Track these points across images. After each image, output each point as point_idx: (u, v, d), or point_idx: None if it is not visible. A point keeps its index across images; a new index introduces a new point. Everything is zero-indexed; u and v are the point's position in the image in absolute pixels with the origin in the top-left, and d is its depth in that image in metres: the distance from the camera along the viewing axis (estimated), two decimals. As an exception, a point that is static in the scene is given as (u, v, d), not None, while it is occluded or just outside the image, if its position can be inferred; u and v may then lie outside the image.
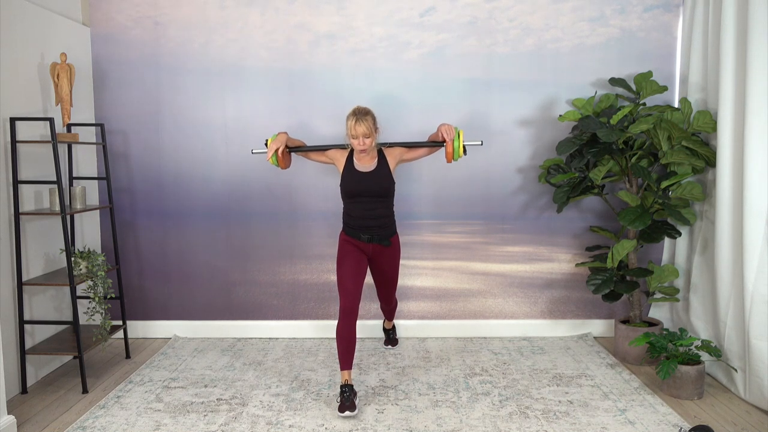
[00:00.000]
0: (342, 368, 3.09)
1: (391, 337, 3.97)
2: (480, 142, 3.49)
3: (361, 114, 3.11)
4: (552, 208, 4.07)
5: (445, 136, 3.21)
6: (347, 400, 2.98)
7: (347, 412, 2.93)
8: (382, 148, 3.30)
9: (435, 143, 3.33)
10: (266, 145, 3.41)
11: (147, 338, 4.18)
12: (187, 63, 4.03)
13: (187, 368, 3.61)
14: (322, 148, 3.39)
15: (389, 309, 3.80)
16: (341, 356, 3.10)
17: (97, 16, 4.00)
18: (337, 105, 3.96)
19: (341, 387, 3.04)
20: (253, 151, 3.60)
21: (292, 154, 3.46)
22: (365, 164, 3.23)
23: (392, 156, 3.28)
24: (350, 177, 3.23)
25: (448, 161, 3.28)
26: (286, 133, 3.40)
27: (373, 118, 3.16)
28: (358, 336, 4.00)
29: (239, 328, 4.19)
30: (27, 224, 3.39)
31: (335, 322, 4.12)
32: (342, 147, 3.34)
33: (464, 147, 3.29)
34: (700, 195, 3.56)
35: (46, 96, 3.53)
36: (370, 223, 3.23)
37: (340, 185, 3.28)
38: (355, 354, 3.79)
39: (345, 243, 3.29)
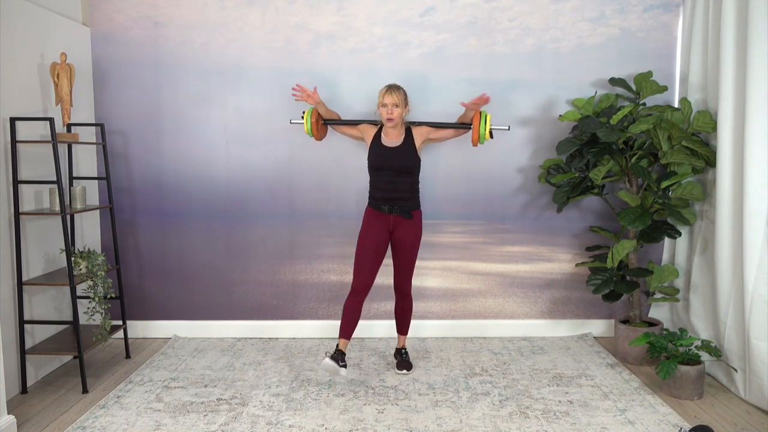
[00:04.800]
0: (340, 336, 3.30)
1: (404, 360, 3.58)
2: (507, 127, 3.66)
3: (393, 86, 3.37)
4: (552, 208, 4.07)
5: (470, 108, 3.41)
6: (335, 358, 3.18)
7: (327, 360, 3.13)
8: (411, 126, 3.47)
9: (462, 125, 3.52)
10: (302, 117, 3.64)
11: (147, 338, 4.18)
12: (187, 63, 4.03)
13: (187, 368, 3.61)
14: (354, 123, 3.64)
15: (404, 308, 3.58)
16: (343, 326, 3.32)
17: (97, 16, 4.00)
18: (337, 105, 3.96)
19: (335, 348, 3.26)
20: (292, 121, 3.85)
21: (328, 127, 3.76)
22: (392, 139, 3.40)
23: (419, 134, 3.44)
24: (376, 151, 3.40)
25: (474, 145, 3.51)
26: (323, 104, 3.63)
27: (405, 94, 3.39)
28: (358, 335, 4.03)
29: (239, 328, 4.19)
30: (27, 224, 3.39)
31: (335, 322, 4.13)
32: (373, 123, 3.55)
33: (491, 131, 3.47)
34: (700, 195, 3.56)
35: (46, 96, 3.53)
36: (392, 195, 3.36)
37: (368, 158, 3.45)
38: (356, 354, 3.81)
39: (369, 217, 3.43)
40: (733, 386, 3.25)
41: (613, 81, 3.83)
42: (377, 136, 3.43)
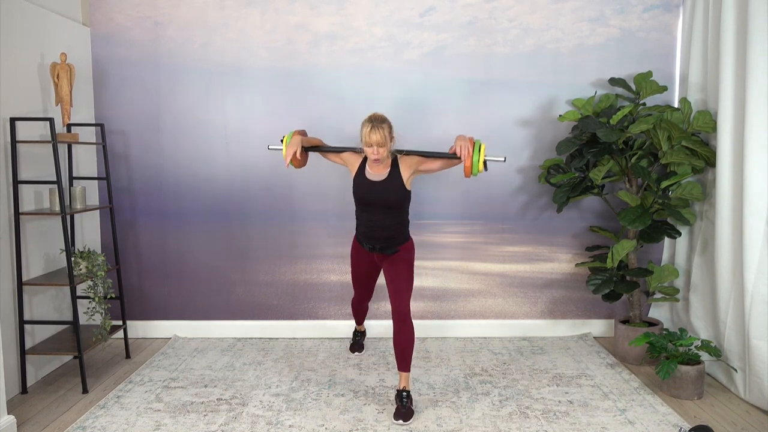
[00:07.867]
0: (356, 323, 3.88)
1: (404, 406, 2.95)
2: (503, 159, 3.23)
3: (377, 122, 2.93)
4: (552, 208, 4.07)
5: (458, 152, 2.97)
6: (357, 343, 3.85)
7: (356, 353, 3.80)
8: (398, 156, 3.10)
9: (453, 156, 3.05)
10: (282, 142, 3.29)
11: (147, 338, 4.18)
12: (186, 63, 4.03)
13: (187, 368, 3.61)
14: (338, 150, 3.27)
15: (403, 338, 3.03)
16: (355, 317, 3.82)
17: (97, 16, 4.00)
18: (337, 105, 3.96)
19: (354, 331, 3.91)
20: (270, 147, 3.56)
21: (309, 154, 3.39)
22: (377, 173, 3.07)
23: (407, 166, 3.07)
24: (360, 184, 3.09)
25: (467, 176, 3.05)
26: (301, 132, 3.33)
27: (390, 127, 2.99)
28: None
29: (239, 328, 4.19)
30: (27, 224, 3.39)
31: (335, 322, 4.18)
32: (357, 151, 3.19)
33: (485, 162, 3.04)
34: (700, 195, 3.56)
35: (46, 96, 3.53)
36: (376, 233, 3.09)
37: (352, 190, 3.15)
38: (354, 354, 3.82)
39: (355, 249, 3.30)
40: (733, 386, 3.25)
41: (613, 81, 3.83)
42: (361, 168, 3.10)
